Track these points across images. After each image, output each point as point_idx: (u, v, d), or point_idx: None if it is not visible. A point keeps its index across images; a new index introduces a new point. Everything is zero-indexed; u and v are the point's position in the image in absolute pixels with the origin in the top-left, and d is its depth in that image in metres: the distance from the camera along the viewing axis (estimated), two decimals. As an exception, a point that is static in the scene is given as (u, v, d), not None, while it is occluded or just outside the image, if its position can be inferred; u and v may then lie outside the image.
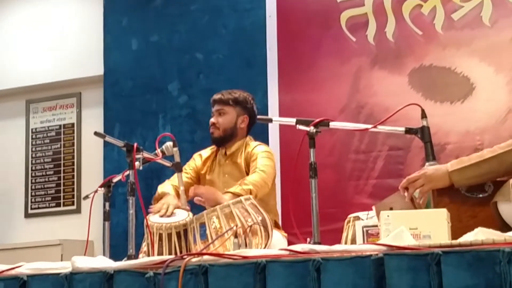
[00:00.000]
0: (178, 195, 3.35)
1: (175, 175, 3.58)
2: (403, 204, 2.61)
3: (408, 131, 2.89)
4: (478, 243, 2.02)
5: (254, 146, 3.62)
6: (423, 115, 2.87)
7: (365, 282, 2.02)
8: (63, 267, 2.51)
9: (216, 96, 3.73)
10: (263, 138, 4.58)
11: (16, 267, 2.58)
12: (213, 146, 3.76)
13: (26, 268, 2.56)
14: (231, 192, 3.24)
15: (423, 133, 2.85)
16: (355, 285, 2.02)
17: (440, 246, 2.04)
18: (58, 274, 2.44)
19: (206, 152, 3.76)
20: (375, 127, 2.90)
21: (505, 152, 2.52)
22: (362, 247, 2.19)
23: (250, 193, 3.23)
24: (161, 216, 3.08)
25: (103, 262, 2.52)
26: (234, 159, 3.64)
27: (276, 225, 3.53)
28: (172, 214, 3.10)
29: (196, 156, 3.76)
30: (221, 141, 3.65)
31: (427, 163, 2.78)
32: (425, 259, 1.97)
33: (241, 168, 3.58)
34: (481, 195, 2.53)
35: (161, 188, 3.51)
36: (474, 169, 2.53)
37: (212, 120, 3.68)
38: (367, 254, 2.06)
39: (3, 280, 2.51)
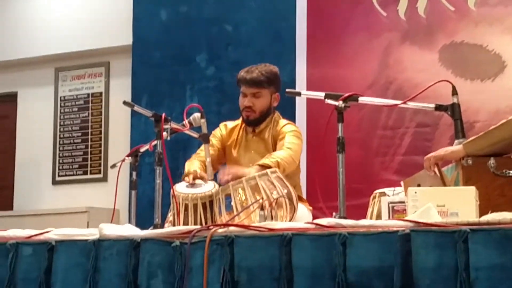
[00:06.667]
0: (205, 170, 3.33)
1: (201, 147, 3.58)
2: (433, 181, 2.60)
3: (438, 107, 2.86)
4: (506, 221, 2.01)
5: (284, 125, 3.57)
6: (454, 92, 2.83)
7: (391, 257, 2.01)
8: (90, 233, 2.54)
9: (249, 76, 3.52)
10: (290, 112, 4.57)
11: (45, 232, 2.61)
12: (239, 119, 3.73)
13: (54, 233, 2.59)
14: (258, 165, 3.23)
15: (454, 110, 2.81)
16: (381, 260, 2.02)
17: (468, 224, 2.03)
18: (86, 240, 2.47)
19: (232, 123, 3.73)
20: (405, 103, 2.87)
21: None
22: (389, 223, 2.19)
23: (278, 165, 3.21)
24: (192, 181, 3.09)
25: (130, 230, 2.55)
26: (262, 135, 3.61)
27: (300, 199, 3.52)
28: (193, 186, 3.09)
29: (222, 125, 3.72)
30: (257, 123, 3.59)
31: (456, 141, 2.75)
32: (452, 236, 1.96)
33: (268, 145, 3.55)
34: (511, 174, 2.50)
35: (188, 166, 3.48)
36: (487, 138, 2.52)
37: (247, 103, 3.53)
38: (394, 230, 2.05)
39: (31, 245, 2.54)
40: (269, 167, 3.15)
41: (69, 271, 2.44)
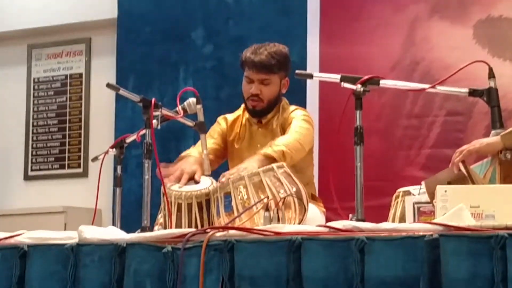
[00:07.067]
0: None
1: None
2: (458, 180, 2.60)
3: (473, 92, 2.85)
4: (551, 226, 2.01)
5: (292, 110, 3.58)
6: (491, 75, 2.83)
7: (416, 266, 2.02)
8: (68, 237, 2.55)
9: (257, 59, 3.49)
10: (300, 98, 4.57)
11: (16, 235, 2.63)
12: (239, 109, 3.73)
13: (26, 236, 2.61)
14: (261, 154, 3.23)
15: (490, 95, 2.81)
16: (405, 269, 2.03)
17: (506, 228, 2.04)
18: (63, 245, 2.48)
19: (232, 115, 3.73)
20: (433, 87, 2.86)
21: None
22: (414, 226, 2.20)
23: (283, 155, 3.22)
24: (172, 185, 3.09)
25: (114, 234, 2.56)
26: (268, 126, 3.62)
27: (313, 198, 3.54)
28: (186, 183, 3.09)
29: (220, 119, 3.73)
30: (264, 113, 3.59)
31: (493, 131, 2.75)
32: (488, 242, 1.97)
33: (276, 136, 3.55)
34: (555, 171, 2.51)
35: (184, 153, 3.50)
36: None
37: (254, 91, 3.52)
38: (420, 235, 2.06)
39: (0, 250, 2.55)
40: (273, 158, 3.16)
41: (44, 281, 2.46)
